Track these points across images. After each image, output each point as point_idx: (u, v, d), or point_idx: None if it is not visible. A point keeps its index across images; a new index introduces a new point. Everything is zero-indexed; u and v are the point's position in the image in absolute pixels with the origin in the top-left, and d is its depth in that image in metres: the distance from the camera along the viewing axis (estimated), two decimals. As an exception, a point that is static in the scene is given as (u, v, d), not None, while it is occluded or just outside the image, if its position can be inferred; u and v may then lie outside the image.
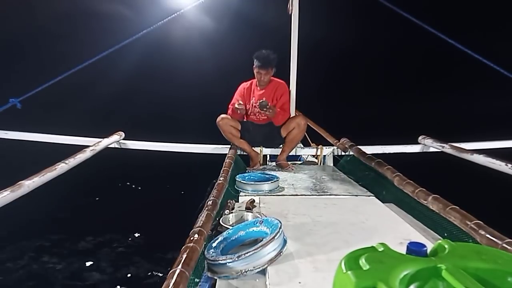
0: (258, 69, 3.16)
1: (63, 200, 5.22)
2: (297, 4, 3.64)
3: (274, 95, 3.29)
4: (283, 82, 3.37)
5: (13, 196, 1.92)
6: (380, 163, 2.57)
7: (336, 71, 12.54)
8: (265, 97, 3.26)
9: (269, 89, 3.29)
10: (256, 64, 3.16)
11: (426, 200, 1.86)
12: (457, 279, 0.59)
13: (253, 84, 3.36)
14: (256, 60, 3.14)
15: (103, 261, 4.14)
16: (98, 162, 3.18)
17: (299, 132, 3.22)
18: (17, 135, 3.62)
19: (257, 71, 3.18)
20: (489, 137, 3.71)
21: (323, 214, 2.01)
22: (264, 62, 3.12)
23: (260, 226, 1.55)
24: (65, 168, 2.47)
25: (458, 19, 10.49)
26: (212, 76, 11.29)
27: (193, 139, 3.87)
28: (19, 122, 3.65)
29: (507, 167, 2.50)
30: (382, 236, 1.70)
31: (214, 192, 1.94)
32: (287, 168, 3.22)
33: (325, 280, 1.27)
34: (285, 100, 3.32)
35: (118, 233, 4.75)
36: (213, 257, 1.34)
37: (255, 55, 3.15)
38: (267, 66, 3.13)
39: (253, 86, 3.35)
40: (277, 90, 3.29)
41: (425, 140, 3.59)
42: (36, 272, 3.92)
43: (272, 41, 4.08)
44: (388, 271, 0.62)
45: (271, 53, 3.14)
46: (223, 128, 3.21)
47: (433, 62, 12.49)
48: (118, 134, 3.62)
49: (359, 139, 3.37)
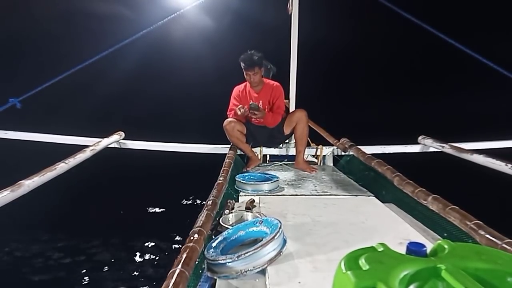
0: (245, 70, 3.15)
1: (62, 199, 5.22)
2: (297, 4, 3.64)
3: (270, 97, 3.29)
4: (278, 84, 3.35)
5: (13, 195, 1.92)
6: (380, 163, 2.57)
7: (336, 71, 12.54)
8: (262, 100, 3.26)
9: (265, 91, 3.29)
10: (242, 66, 3.16)
11: (426, 200, 1.86)
12: (457, 279, 0.59)
13: (247, 87, 3.34)
14: (242, 62, 3.14)
15: (102, 261, 4.14)
16: (98, 162, 3.18)
17: (304, 125, 3.19)
18: (16, 134, 3.62)
19: (245, 73, 3.18)
20: (489, 137, 3.71)
21: (323, 214, 2.01)
22: (249, 63, 3.11)
23: (260, 226, 1.55)
24: (65, 168, 2.48)
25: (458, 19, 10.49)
26: (212, 76, 11.28)
27: (193, 139, 3.87)
28: (19, 122, 3.65)
29: (507, 167, 2.50)
30: (382, 236, 1.70)
31: (214, 192, 1.94)
32: (310, 171, 3.13)
33: (325, 280, 1.27)
34: (280, 103, 3.31)
35: (118, 233, 4.75)
36: (213, 257, 1.34)
37: (240, 58, 3.14)
38: (253, 66, 3.11)
39: (248, 89, 3.34)
40: (272, 92, 3.29)
41: (425, 140, 3.59)
42: (35, 271, 3.92)
43: (272, 41, 4.08)
44: (387, 271, 0.62)
45: (255, 53, 3.13)
46: (230, 132, 3.18)
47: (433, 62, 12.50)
48: (118, 134, 3.62)
49: (359, 139, 3.37)
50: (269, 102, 3.29)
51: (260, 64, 3.16)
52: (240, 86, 3.39)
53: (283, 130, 3.29)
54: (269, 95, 3.28)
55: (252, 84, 3.25)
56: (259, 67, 3.16)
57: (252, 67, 3.12)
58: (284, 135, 3.35)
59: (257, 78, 3.19)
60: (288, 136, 3.39)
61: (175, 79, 11.96)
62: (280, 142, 3.60)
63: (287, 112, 3.55)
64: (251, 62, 3.12)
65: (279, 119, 3.28)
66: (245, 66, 3.13)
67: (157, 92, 11.70)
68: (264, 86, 3.29)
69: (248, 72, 3.15)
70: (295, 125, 3.19)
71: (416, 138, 3.70)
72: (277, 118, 3.26)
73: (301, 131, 3.19)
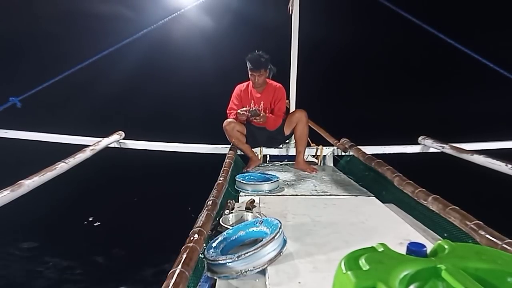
0: (250, 71, 3.15)
1: (62, 199, 5.22)
2: (297, 4, 3.64)
3: (273, 98, 3.28)
4: (280, 86, 3.34)
5: (13, 195, 1.92)
6: (380, 163, 2.57)
7: (336, 71, 12.54)
8: (263, 101, 3.26)
9: (267, 92, 3.29)
10: (248, 66, 3.16)
11: (426, 200, 1.86)
12: (457, 279, 0.59)
13: (249, 87, 3.34)
14: (248, 62, 3.14)
15: (102, 261, 4.14)
16: (98, 162, 3.18)
17: (304, 126, 3.18)
18: (16, 134, 3.62)
19: (250, 74, 3.18)
20: (489, 137, 3.71)
21: (323, 214, 2.01)
22: (256, 64, 3.11)
23: (260, 226, 1.55)
24: (65, 167, 2.48)
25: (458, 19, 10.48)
26: (212, 75, 11.28)
27: (193, 139, 3.86)
28: (19, 121, 3.65)
29: (507, 167, 2.50)
30: (382, 236, 1.70)
31: (214, 192, 1.94)
32: (311, 171, 3.13)
33: (325, 280, 1.27)
34: (281, 105, 3.30)
35: (118, 233, 4.74)
36: (213, 257, 1.34)
37: (248, 57, 3.14)
38: (259, 67, 3.11)
39: (250, 89, 3.33)
40: (275, 93, 3.28)
41: (425, 140, 3.59)
42: (35, 271, 3.92)
43: (272, 41, 4.08)
44: (388, 271, 0.62)
45: (263, 55, 3.13)
46: (230, 133, 3.18)
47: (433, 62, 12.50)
48: (118, 133, 3.62)
49: (359, 139, 3.37)
50: (271, 104, 3.28)
51: (266, 66, 3.16)
52: (243, 85, 3.38)
53: (283, 130, 3.29)
54: (271, 97, 3.28)
55: (256, 84, 3.24)
56: (265, 69, 3.16)
57: (259, 69, 3.12)
58: (284, 136, 3.35)
59: (261, 80, 3.19)
60: (288, 136, 3.39)
61: (175, 79, 11.95)
62: (280, 143, 3.60)
63: (287, 113, 3.55)
64: (259, 63, 3.11)
65: (280, 121, 3.28)
66: (252, 67, 3.13)
67: (157, 91, 11.70)
68: (267, 87, 3.29)
69: (253, 73, 3.15)
70: (295, 125, 3.19)
71: (416, 138, 3.70)
72: (278, 121, 3.26)
73: (301, 132, 3.18)
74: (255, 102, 3.29)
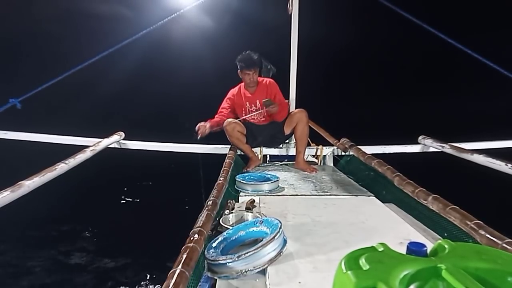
0: (245, 70, 3.16)
1: (63, 200, 5.22)
2: (297, 4, 3.63)
3: (267, 94, 3.29)
4: (271, 80, 3.38)
5: (13, 196, 1.92)
6: (380, 163, 2.57)
7: (336, 71, 12.55)
8: (259, 99, 3.28)
9: (260, 90, 3.30)
10: (241, 66, 3.17)
11: (426, 200, 1.86)
12: (457, 279, 0.59)
13: (241, 89, 3.36)
14: (241, 62, 3.16)
15: (102, 261, 4.14)
16: (98, 162, 3.18)
17: (304, 125, 3.19)
18: (16, 135, 3.62)
19: (245, 73, 3.18)
20: (489, 137, 3.71)
21: (323, 214, 2.01)
22: (249, 63, 3.14)
23: (260, 226, 1.55)
24: (65, 168, 2.47)
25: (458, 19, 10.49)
26: (212, 76, 11.29)
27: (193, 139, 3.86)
28: (19, 122, 3.65)
29: (507, 167, 2.50)
30: (382, 236, 1.70)
31: (214, 192, 1.94)
32: (311, 171, 3.11)
33: (325, 280, 1.27)
34: (280, 97, 3.35)
35: (118, 233, 4.75)
36: (213, 257, 1.34)
37: (238, 58, 3.17)
38: (253, 65, 3.15)
39: (243, 90, 3.34)
40: (268, 89, 3.30)
41: (425, 140, 3.59)
42: (34, 271, 3.92)
43: (272, 41, 4.08)
44: (388, 271, 0.62)
45: (253, 53, 3.17)
46: (231, 133, 3.18)
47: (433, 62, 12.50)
48: (118, 134, 3.62)
49: (359, 139, 3.37)
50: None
51: (259, 64, 3.21)
52: (235, 88, 3.42)
53: (283, 130, 3.30)
54: (265, 93, 3.29)
55: (250, 84, 3.25)
56: (258, 67, 3.21)
57: (252, 67, 3.15)
58: (284, 135, 3.35)
59: (255, 78, 3.22)
60: (288, 136, 3.39)
61: (175, 79, 11.97)
62: (281, 143, 3.60)
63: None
64: (252, 61, 3.15)
65: (286, 108, 3.38)
66: (245, 66, 3.15)
67: (157, 92, 11.71)
68: (259, 85, 3.31)
69: (248, 72, 3.16)
70: (295, 125, 3.20)
71: (416, 138, 3.69)
72: (285, 109, 3.37)
73: (301, 131, 3.19)
74: (249, 102, 3.30)
